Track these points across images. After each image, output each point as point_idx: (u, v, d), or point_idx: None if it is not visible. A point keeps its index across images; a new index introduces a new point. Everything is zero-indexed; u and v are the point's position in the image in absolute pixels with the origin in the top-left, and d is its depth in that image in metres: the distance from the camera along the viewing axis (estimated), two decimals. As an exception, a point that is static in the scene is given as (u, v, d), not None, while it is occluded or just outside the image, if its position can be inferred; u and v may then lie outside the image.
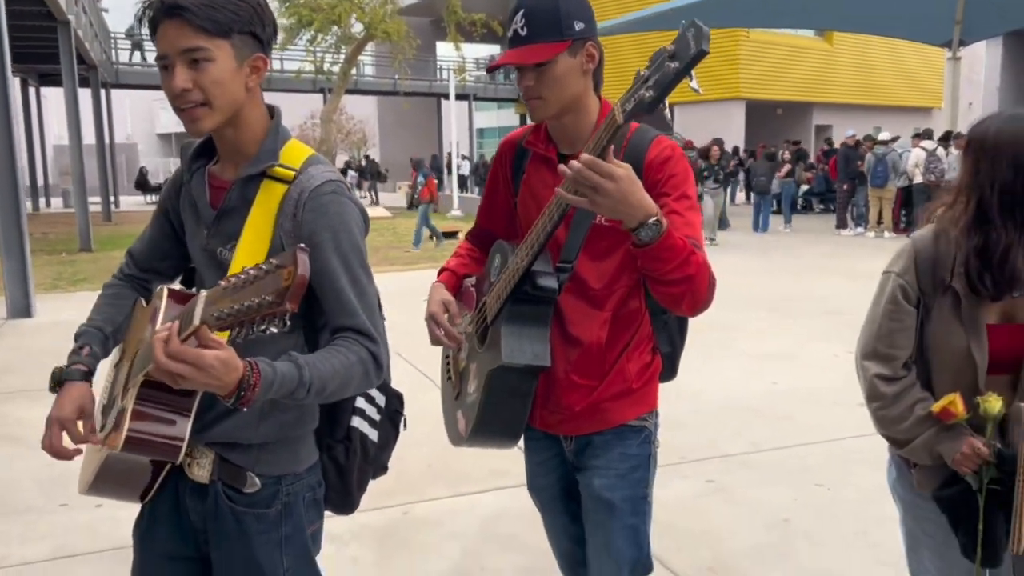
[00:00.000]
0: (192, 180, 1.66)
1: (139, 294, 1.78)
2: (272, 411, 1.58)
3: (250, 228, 1.55)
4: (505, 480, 4.09)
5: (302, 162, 1.59)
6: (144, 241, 1.81)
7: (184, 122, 1.53)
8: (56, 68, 17.76)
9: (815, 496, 3.90)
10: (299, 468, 1.65)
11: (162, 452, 1.49)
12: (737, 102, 26.72)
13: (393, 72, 28.14)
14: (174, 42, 1.46)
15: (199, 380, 1.29)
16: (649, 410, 2.00)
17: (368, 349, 1.53)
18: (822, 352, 6.67)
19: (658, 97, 1.50)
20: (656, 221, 1.60)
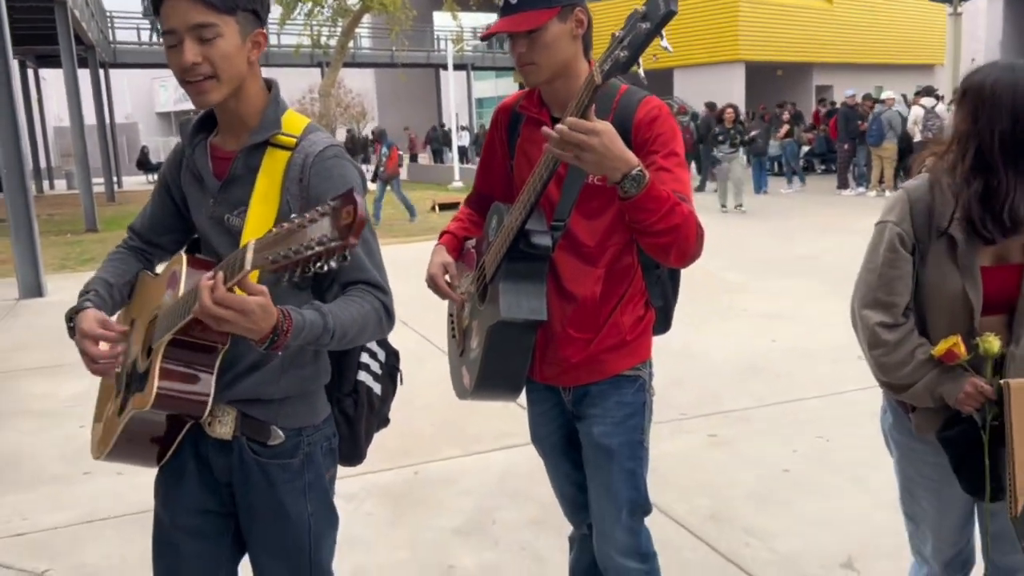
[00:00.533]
0: (194, 153, 1.74)
1: (143, 264, 1.87)
2: (291, 366, 1.68)
3: (258, 194, 1.63)
4: (513, 440, 4.21)
5: (302, 130, 1.68)
6: (146, 216, 1.89)
7: (191, 94, 1.60)
8: (54, 49, 17.73)
9: (815, 447, 4.03)
10: (317, 420, 1.75)
11: (189, 408, 1.58)
12: (737, 64, 26.54)
13: (390, 44, 28.00)
14: (184, 17, 1.53)
15: (241, 324, 1.39)
16: (642, 360, 2.10)
17: (380, 299, 1.63)
18: (822, 310, 6.75)
19: (632, 56, 1.58)
20: (639, 172, 1.69)
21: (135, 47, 29.45)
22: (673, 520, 3.27)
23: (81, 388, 5.44)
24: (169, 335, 1.52)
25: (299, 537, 1.74)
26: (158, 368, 1.54)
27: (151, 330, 1.67)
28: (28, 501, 3.78)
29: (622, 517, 2.09)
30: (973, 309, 1.84)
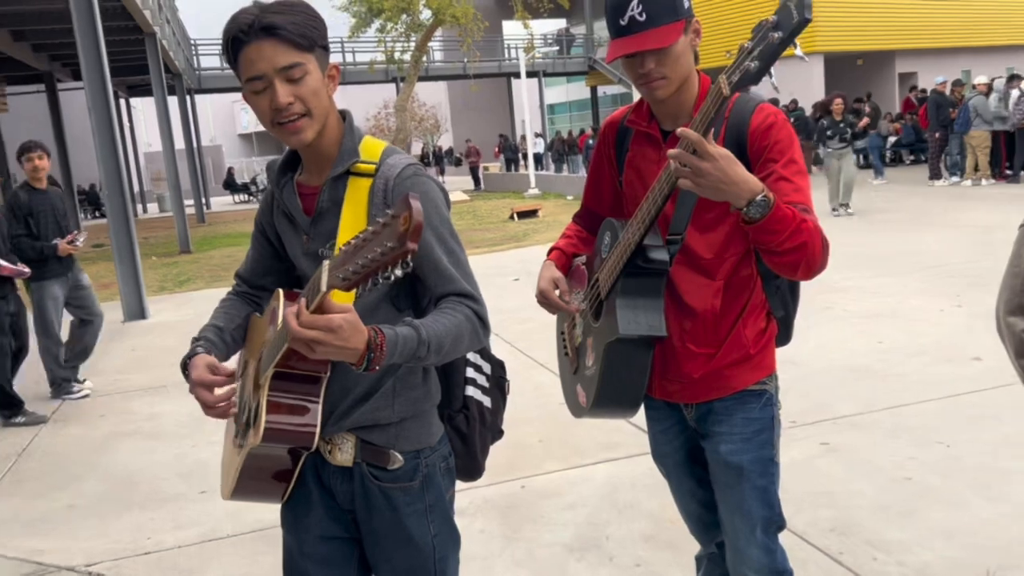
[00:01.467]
0: (283, 193, 1.77)
1: (251, 308, 1.91)
2: (403, 389, 1.70)
3: (345, 223, 1.64)
4: (617, 452, 4.18)
5: (380, 154, 1.69)
6: (248, 262, 1.94)
7: (286, 135, 1.62)
8: (143, 79, 18.51)
9: (936, 453, 3.86)
10: (432, 440, 1.76)
11: (298, 440, 1.60)
12: (815, 56, 25.87)
13: (462, 55, 28.28)
14: (272, 61, 1.54)
15: (332, 343, 1.38)
16: (768, 374, 2.04)
17: (472, 309, 1.63)
18: (927, 307, 6.51)
19: (763, 67, 1.54)
20: (764, 198, 1.64)
21: (218, 72, 30.47)
22: (794, 534, 3.16)
23: (188, 408, 5.63)
24: (271, 368, 1.55)
25: (424, 560, 1.75)
26: (265, 402, 1.56)
27: (259, 368, 1.70)
28: (149, 520, 3.91)
29: (756, 535, 2.03)
30: None
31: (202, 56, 30.20)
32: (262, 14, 1.54)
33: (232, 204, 32.33)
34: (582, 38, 36.26)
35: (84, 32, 8.79)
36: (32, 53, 17.98)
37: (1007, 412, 4.17)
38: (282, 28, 1.53)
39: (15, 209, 5.78)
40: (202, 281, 11.66)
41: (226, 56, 1.61)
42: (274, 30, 1.53)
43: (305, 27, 1.56)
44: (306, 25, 1.56)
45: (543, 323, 3.57)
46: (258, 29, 1.53)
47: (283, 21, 1.53)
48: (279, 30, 1.53)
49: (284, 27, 1.53)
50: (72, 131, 22.20)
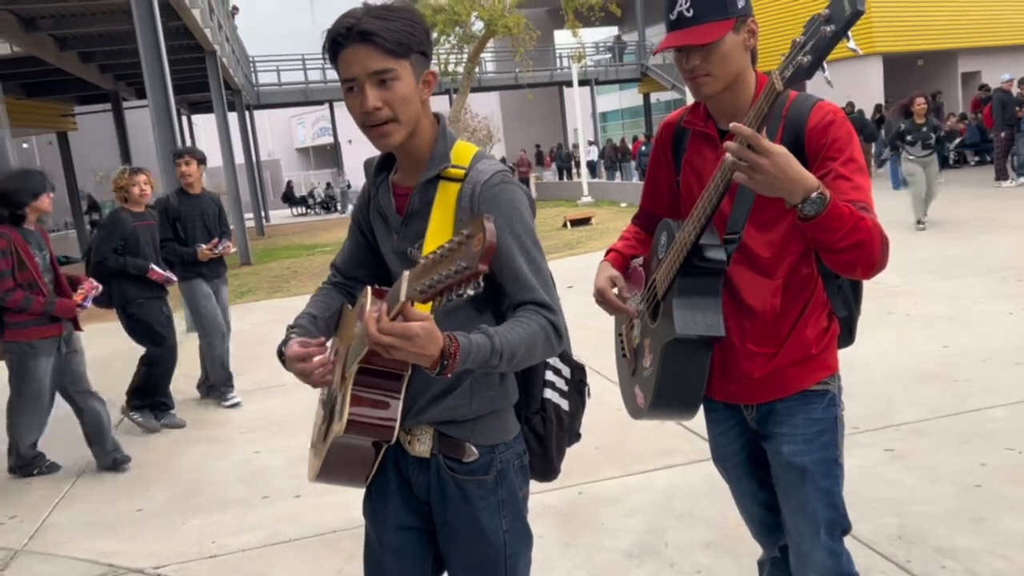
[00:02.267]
0: (378, 192, 1.83)
1: (344, 297, 1.97)
2: (480, 388, 1.74)
3: (433, 226, 1.69)
4: (674, 459, 4.15)
5: (470, 160, 1.72)
6: (344, 253, 2.00)
7: (373, 138, 1.67)
8: (204, 96, 19.00)
9: (1006, 459, 3.74)
10: (508, 437, 1.79)
11: (378, 433, 1.65)
12: (873, 58, 25.36)
13: (514, 66, 28.42)
14: (364, 64, 1.60)
15: (408, 349, 1.44)
16: (830, 373, 2.01)
17: (547, 318, 1.64)
18: (994, 311, 6.32)
19: (816, 61, 1.54)
20: (819, 195, 1.62)
21: (275, 88, 31.15)
22: (859, 541, 3.10)
23: (251, 415, 5.76)
24: (356, 364, 1.60)
25: (495, 555, 1.78)
26: (349, 395, 1.62)
27: (347, 359, 1.75)
28: (214, 524, 4.00)
29: (821, 537, 2.00)
30: None
31: (260, 72, 30.91)
32: (362, 19, 1.59)
33: (291, 217, 32.97)
34: (634, 45, 36.13)
35: (148, 52, 9.09)
36: (99, 74, 18.61)
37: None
38: (377, 34, 1.58)
39: (164, 213, 5.85)
40: (263, 292, 11.90)
41: (329, 57, 1.67)
42: (369, 36, 1.58)
43: (401, 33, 1.60)
44: (403, 32, 1.60)
45: (598, 330, 3.55)
46: (356, 34, 1.59)
47: (379, 27, 1.58)
48: (374, 36, 1.58)
49: (379, 33, 1.58)
50: (137, 147, 22.88)
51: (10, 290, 4.52)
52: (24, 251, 4.58)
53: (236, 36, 23.51)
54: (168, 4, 11.95)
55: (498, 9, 22.23)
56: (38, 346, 4.65)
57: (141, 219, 5.54)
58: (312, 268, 14.02)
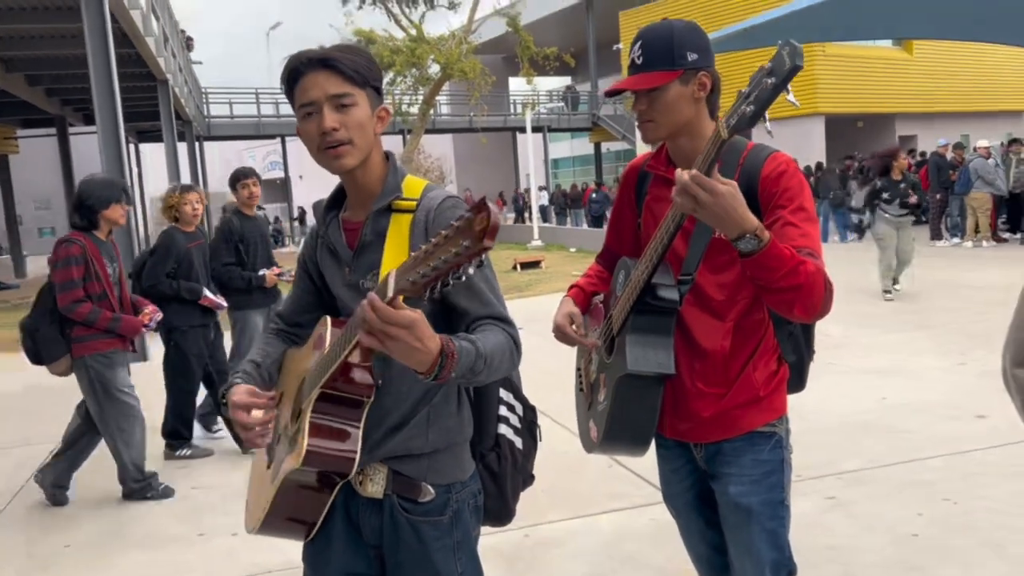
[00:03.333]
0: (328, 229, 1.83)
1: (287, 345, 1.94)
2: (436, 419, 1.72)
3: (388, 254, 1.69)
4: (622, 502, 4.14)
5: (421, 191, 1.75)
6: (289, 301, 1.99)
7: (328, 160, 1.68)
8: (154, 125, 18.75)
9: (943, 510, 3.82)
10: (464, 476, 1.77)
11: (338, 464, 1.60)
12: (816, 117, 26.26)
13: (469, 109, 28.70)
14: (324, 88, 1.64)
15: (405, 339, 1.37)
16: (778, 416, 2.06)
17: (509, 332, 1.66)
18: (931, 365, 6.51)
19: (757, 111, 1.60)
20: (753, 236, 1.69)
21: (227, 120, 30.92)
22: (801, 587, 3.12)
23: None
24: (318, 389, 1.57)
25: None
26: (308, 424, 1.58)
27: (299, 396, 1.72)
28: (149, 562, 3.86)
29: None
30: None
31: (212, 104, 30.68)
32: (323, 51, 1.67)
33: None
34: (587, 95, 36.83)
35: (100, 79, 8.95)
36: (45, 98, 18.26)
37: (1013, 470, 4.15)
38: (338, 61, 1.64)
39: (228, 236, 5.55)
40: (205, 325, 11.64)
41: (285, 89, 1.70)
42: (330, 62, 1.64)
43: (360, 66, 1.67)
44: (362, 65, 1.67)
45: (546, 370, 3.57)
46: (316, 61, 1.65)
47: (339, 56, 1.65)
48: (335, 62, 1.64)
49: (340, 60, 1.65)
50: (82, 174, 22.39)
51: (79, 300, 4.29)
52: (97, 260, 4.37)
53: (189, 66, 23.35)
54: (122, 31, 11.84)
55: (455, 53, 22.50)
56: (113, 356, 4.42)
57: (193, 239, 5.31)
58: (257, 302, 13.79)
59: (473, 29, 24.46)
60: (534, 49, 23.69)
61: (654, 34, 1.93)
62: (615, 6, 32.47)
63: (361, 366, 1.58)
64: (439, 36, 23.74)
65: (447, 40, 23.58)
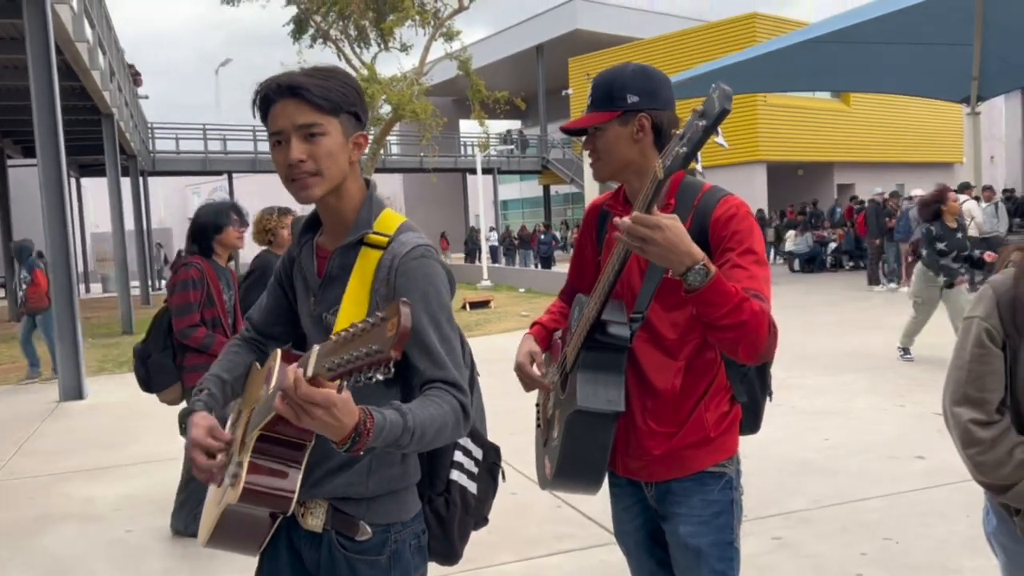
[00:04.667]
0: (302, 252, 1.81)
1: (256, 355, 1.91)
2: (379, 467, 1.69)
3: (350, 293, 1.66)
4: (570, 543, 4.12)
5: (395, 229, 1.71)
6: (261, 308, 1.95)
7: (295, 190, 1.66)
8: (97, 159, 18.41)
9: (884, 549, 3.88)
10: (405, 517, 1.73)
11: (275, 504, 1.58)
12: (758, 165, 26.99)
13: (419, 149, 28.83)
14: (292, 118, 1.61)
15: (322, 418, 1.35)
16: (728, 456, 2.07)
17: (457, 399, 1.61)
18: (870, 406, 6.65)
19: (690, 152, 1.65)
20: (702, 267, 1.71)
21: (173, 156, 30.51)
22: (748, 628, 3.12)
23: (124, 491, 5.41)
24: (257, 431, 1.54)
25: None
26: (247, 463, 1.55)
27: (249, 424, 1.68)
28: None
29: (715, 620, 2.01)
30: None
31: (158, 139, 30.28)
32: (294, 76, 1.63)
33: (178, 287, 31.81)
34: (536, 139, 37.30)
35: (43, 112, 8.75)
36: (-17, 129, 17.83)
37: (954, 510, 4.24)
38: (306, 89, 1.60)
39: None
40: (144, 363, 11.35)
41: (258, 113, 1.67)
42: (298, 90, 1.60)
43: (332, 91, 1.62)
44: (333, 90, 1.62)
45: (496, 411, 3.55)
46: (285, 89, 1.61)
47: (309, 83, 1.61)
48: (303, 91, 1.60)
49: (309, 88, 1.60)
50: (19, 207, 21.84)
51: (195, 325, 4.17)
52: (214, 286, 4.25)
53: (136, 101, 23.05)
54: (67, 64, 11.66)
55: (407, 95, 22.63)
56: None
57: None
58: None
59: (425, 71, 24.67)
60: (485, 93, 23.96)
61: (603, 77, 2.00)
62: (565, 53, 33.15)
63: None
64: (391, 77, 23.87)
65: (399, 81, 23.72)
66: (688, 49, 27.73)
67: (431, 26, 24.10)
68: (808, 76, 19.81)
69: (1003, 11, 15.21)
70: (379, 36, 24.22)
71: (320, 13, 23.74)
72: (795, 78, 19.60)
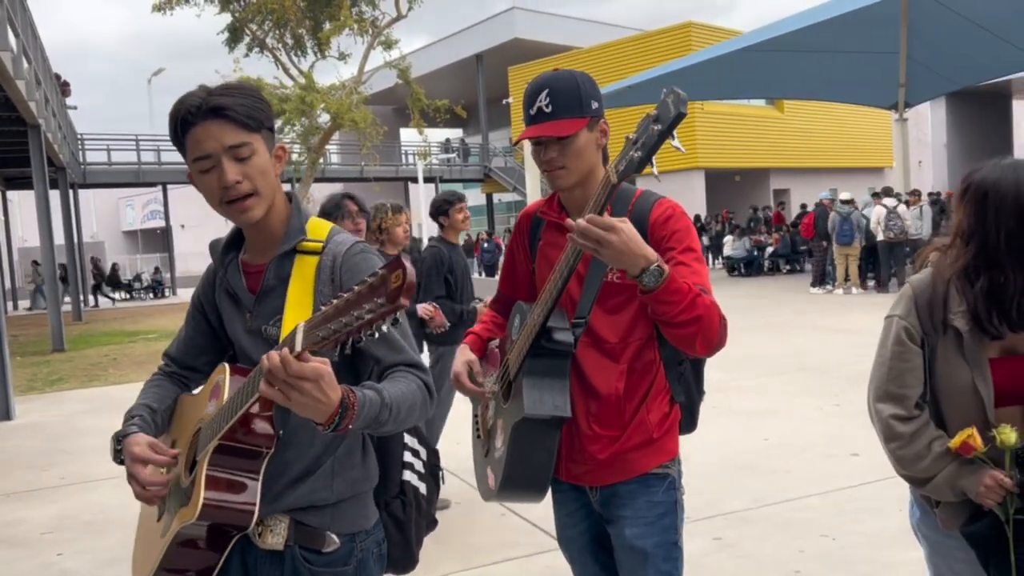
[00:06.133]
0: (227, 272, 1.76)
1: (179, 389, 1.85)
2: (342, 469, 1.67)
3: (292, 300, 1.64)
4: (515, 551, 4.11)
5: (327, 234, 1.71)
6: (180, 341, 1.89)
7: (234, 214, 1.62)
8: (24, 171, 17.83)
9: (821, 546, 3.96)
10: (368, 524, 1.72)
11: (235, 518, 1.53)
12: (696, 171, 27.44)
13: (359, 159, 28.60)
14: (220, 140, 1.57)
15: (312, 392, 1.34)
16: (671, 458, 2.10)
17: (421, 378, 1.62)
18: (809, 406, 6.79)
19: (645, 157, 1.66)
20: (657, 267, 1.73)
21: (104, 167, 29.74)
22: (691, 629, 3.15)
23: (54, 513, 5.24)
24: (215, 440, 1.50)
25: None
26: (204, 477, 1.50)
27: (194, 445, 1.65)
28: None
29: (660, 621, 2.02)
30: (984, 402, 1.83)
31: (88, 151, 29.47)
32: (210, 96, 1.58)
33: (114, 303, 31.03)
34: (478, 148, 37.33)
35: (-37, 121, 8.46)
36: (-99, 140, 17.12)
37: (886, 505, 4.34)
38: (230, 109, 1.56)
39: (439, 266, 4.94)
40: (76, 380, 11.01)
41: (173, 137, 1.62)
42: (222, 111, 1.56)
43: (252, 109, 1.59)
44: (253, 107, 1.60)
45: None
46: (206, 110, 1.56)
47: (231, 103, 1.57)
48: (227, 111, 1.56)
49: (232, 108, 1.56)
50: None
51: None
52: None
53: (64, 111, 22.40)
54: (-10, 73, 11.27)
55: (345, 103, 22.44)
56: None
57: None
58: (134, 355, 13.16)
59: (363, 80, 24.51)
60: (425, 101, 23.89)
61: (562, 83, 1.95)
62: (504, 61, 33.26)
63: (262, 416, 1.52)
64: (329, 85, 23.64)
65: (337, 90, 23.51)
66: (626, 58, 28.09)
67: (369, 35, 23.94)
68: (743, 84, 20.28)
69: (926, 20, 15.79)
70: (316, 45, 23.99)
71: (256, 21, 23.41)
72: (730, 86, 20.04)
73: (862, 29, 15.94)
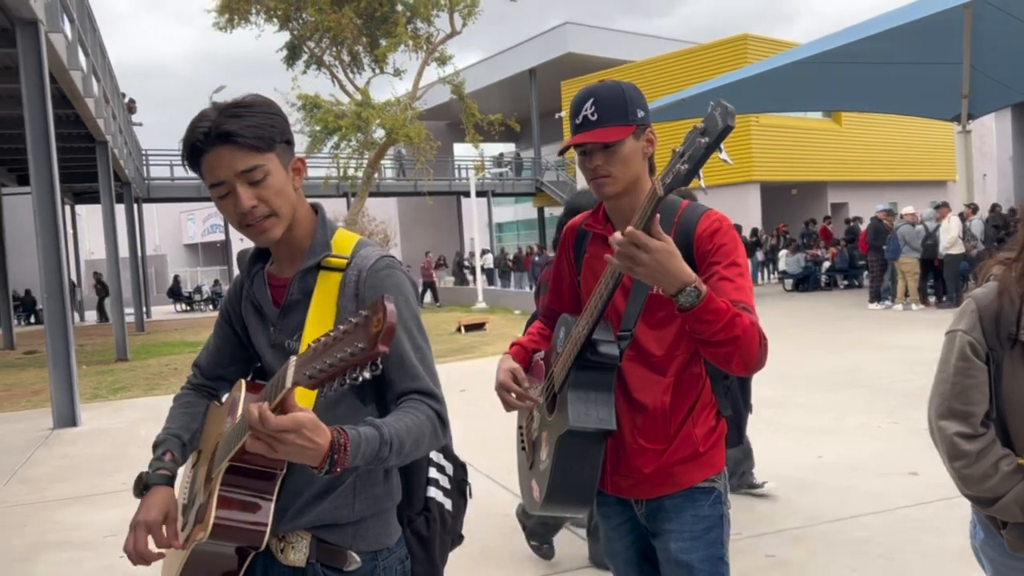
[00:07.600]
0: (253, 284, 1.77)
1: (209, 402, 1.87)
2: (364, 487, 1.66)
3: (313, 316, 1.63)
4: (557, 567, 4.10)
5: (352, 247, 1.70)
6: (209, 351, 1.90)
7: (252, 236, 1.62)
8: (91, 186, 18.45)
9: (878, 566, 3.87)
10: (391, 542, 1.70)
11: (247, 538, 1.53)
12: (752, 185, 27.11)
13: (413, 173, 28.92)
14: (231, 166, 1.55)
15: (294, 443, 1.34)
16: (717, 472, 2.07)
17: (433, 408, 1.61)
18: (863, 423, 6.65)
19: (692, 169, 1.65)
20: (693, 289, 1.72)
21: (167, 182, 30.60)
22: (741, 646, 3.12)
23: (118, 517, 5.39)
24: (226, 462, 1.51)
25: None
26: (216, 497, 1.51)
27: (213, 460, 1.66)
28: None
29: (706, 637, 2.01)
30: None
31: (152, 166, 30.37)
32: (218, 120, 1.54)
33: (173, 313, 31.85)
34: (530, 161, 37.47)
35: (37, 141, 8.78)
36: (-22, 157, 17.88)
37: (945, 525, 4.23)
38: (236, 134, 1.53)
39: None
40: (138, 389, 11.34)
41: (189, 163, 1.61)
42: (230, 136, 1.53)
43: (261, 128, 1.56)
44: (263, 126, 1.56)
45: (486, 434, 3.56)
46: (215, 137, 1.54)
47: (238, 126, 1.53)
48: (235, 136, 1.53)
49: (239, 133, 1.53)
50: (12, 234, 21.84)
51: None
52: None
53: (130, 128, 23.14)
54: (61, 92, 11.73)
55: (400, 119, 22.76)
56: None
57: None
58: (194, 366, 13.48)
59: (418, 96, 24.83)
60: (478, 116, 24.10)
61: (607, 91, 1.96)
62: (557, 76, 33.36)
63: None
64: (385, 101, 24.01)
65: (392, 105, 23.86)
66: (680, 71, 27.94)
67: (424, 51, 24.27)
68: (800, 96, 20.01)
69: (991, 30, 15.38)
70: (373, 61, 24.40)
71: (314, 39, 23.92)
72: (787, 98, 19.78)
73: (924, 40, 15.60)
